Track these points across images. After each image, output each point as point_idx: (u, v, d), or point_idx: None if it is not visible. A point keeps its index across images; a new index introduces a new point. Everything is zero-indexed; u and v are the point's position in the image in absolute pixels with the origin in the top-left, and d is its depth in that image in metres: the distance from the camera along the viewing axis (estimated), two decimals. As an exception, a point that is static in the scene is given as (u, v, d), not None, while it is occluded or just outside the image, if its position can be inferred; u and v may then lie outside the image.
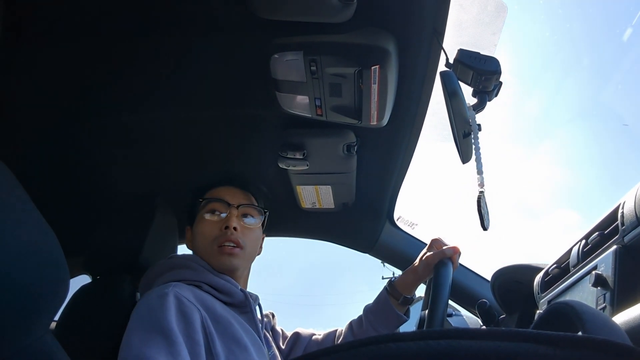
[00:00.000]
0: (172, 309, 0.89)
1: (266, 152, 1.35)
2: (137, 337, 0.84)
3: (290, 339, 1.26)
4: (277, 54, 0.99)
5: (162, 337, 0.83)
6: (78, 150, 1.30)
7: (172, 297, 0.91)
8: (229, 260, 1.08)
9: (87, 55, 1.03)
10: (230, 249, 1.08)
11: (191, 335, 0.87)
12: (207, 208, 1.14)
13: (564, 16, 15.37)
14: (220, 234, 1.09)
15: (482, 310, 1.41)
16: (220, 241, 1.08)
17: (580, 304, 0.43)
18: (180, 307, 0.91)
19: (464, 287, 1.66)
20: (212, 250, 1.08)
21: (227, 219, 1.11)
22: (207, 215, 1.13)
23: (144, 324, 0.87)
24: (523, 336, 0.27)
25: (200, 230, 1.12)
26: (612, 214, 0.96)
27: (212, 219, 1.13)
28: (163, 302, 0.89)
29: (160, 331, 0.84)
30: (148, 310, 0.90)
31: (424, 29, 0.97)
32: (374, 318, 1.20)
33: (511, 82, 0.97)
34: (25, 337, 0.58)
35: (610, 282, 0.86)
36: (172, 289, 0.93)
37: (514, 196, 49.32)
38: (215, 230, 1.10)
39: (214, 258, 1.08)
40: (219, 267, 1.08)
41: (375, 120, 1.11)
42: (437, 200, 10.44)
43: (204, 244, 1.10)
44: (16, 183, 0.58)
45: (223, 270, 1.08)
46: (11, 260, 0.53)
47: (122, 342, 0.86)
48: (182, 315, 0.89)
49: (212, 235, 1.09)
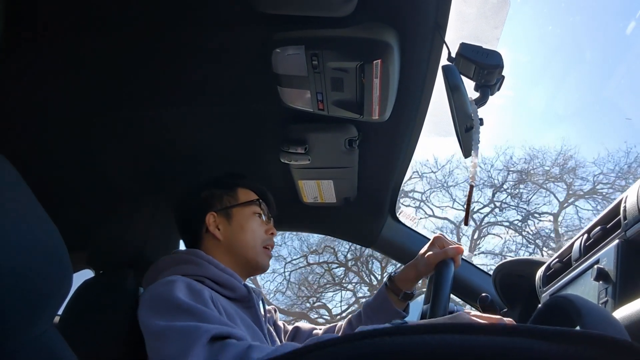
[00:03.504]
0: (182, 289, 0.91)
1: (268, 147, 1.35)
2: (155, 319, 0.85)
3: (291, 334, 1.28)
4: (279, 49, 0.99)
5: (180, 311, 0.85)
6: (81, 146, 1.30)
7: (180, 282, 0.93)
8: (268, 262, 1.20)
9: (87, 53, 1.03)
10: (270, 252, 1.20)
11: (208, 306, 0.90)
12: (256, 209, 1.21)
13: (566, 10, 15.15)
14: (267, 237, 1.20)
15: (484, 305, 1.41)
16: (268, 243, 1.19)
17: (579, 298, 0.43)
18: (190, 286, 0.93)
19: (466, 281, 1.66)
20: (258, 248, 1.17)
21: (272, 227, 1.23)
22: (256, 215, 1.20)
23: (160, 309, 0.88)
24: (517, 331, 0.27)
25: (250, 226, 1.18)
26: (615, 208, 0.96)
27: (260, 220, 1.21)
28: (172, 286, 0.91)
29: (177, 307, 0.86)
30: (157, 296, 0.91)
31: (426, 23, 0.96)
32: (373, 314, 1.21)
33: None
34: (28, 332, 0.58)
35: (613, 276, 0.86)
36: (179, 277, 0.95)
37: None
38: (262, 232, 1.20)
39: (258, 255, 1.16)
40: (260, 264, 1.17)
41: (377, 115, 1.10)
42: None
43: (249, 240, 1.16)
44: (19, 178, 0.58)
45: (260, 268, 1.18)
46: (14, 255, 0.53)
47: (144, 330, 0.87)
48: (193, 292, 0.92)
49: (261, 236, 1.19)
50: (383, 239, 1.78)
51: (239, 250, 1.14)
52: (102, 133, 1.28)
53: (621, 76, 7.19)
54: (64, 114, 1.19)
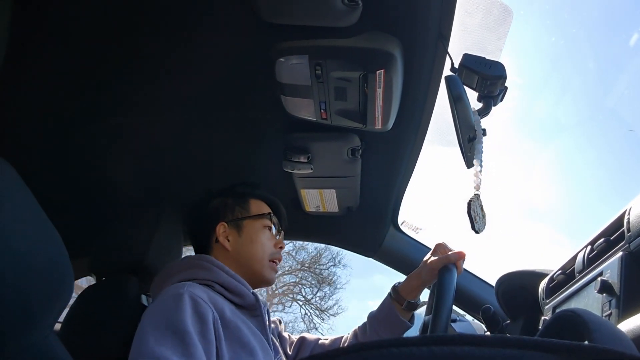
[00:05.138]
0: (187, 309, 0.90)
1: (271, 156, 1.35)
2: (152, 336, 0.84)
3: (297, 344, 1.26)
4: (283, 58, 1.00)
5: (177, 337, 0.84)
6: (84, 152, 1.31)
7: (187, 297, 0.92)
8: (274, 276, 1.19)
9: (91, 58, 1.03)
10: (276, 266, 1.20)
11: (206, 336, 0.88)
12: (267, 222, 1.21)
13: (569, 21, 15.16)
14: (275, 250, 1.20)
15: (487, 316, 1.40)
16: (275, 257, 1.19)
17: (587, 312, 0.43)
18: (196, 307, 0.92)
19: (468, 292, 1.65)
20: (265, 262, 1.17)
21: (282, 241, 1.23)
22: (267, 228, 1.20)
23: (159, 324, 0.87)
24: (529, 344, 0.27)
25: (260, 240, 1.18)
26: (618, 220, 0.95)
27: (270, 233, 1.21)
28: (178, 303, 0.90)
29: (176, 331, 0.85)
30: (163, 310, 0.91)
31: (429, 33, 0.97)
32: (378, 324, 1.20)
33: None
34: (29, 337, 0.58)
35: (616, 288, 0.85)
36: (187, 289, 0.94)
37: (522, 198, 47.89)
38: (272, 245, 1.19)
39: (264, 268, 1.16)
40: (266, 277, 1.17)
41: (380, 125, 1.11)
42: (442, 205, 10.38)
43: (257, 253, 1.16)
44: (22, 185, 0.58)
45: (265, 281, 1.18)
46: (16, 261, 0.53)
47: (135, 341, 0.86)
48: (197, 315, 0.90)
49: (270, 249, 1.18)
50: (385, 249, 1.77)
51: (246, 262, 1.14)
52: (105, 139, 1.28)
53: (624, 87, 7.20)
54: (67, 119, 1.19)
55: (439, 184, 5.97)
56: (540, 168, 10.80)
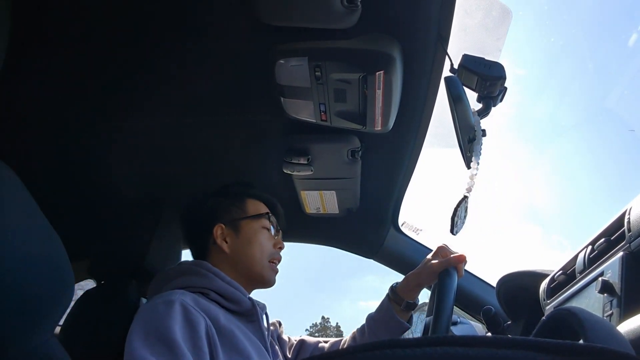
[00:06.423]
0: (177, 318, 0.88)
1: (271, 157, 1.35)
2: (140, 343, 0.84)
3: (296, 346, 1.26)
4: (282, 60, 1.00)
5: (166, 347, 0.83)
6: (84, 155, 1.31)
7: (178, 305, 0.91)
8: (274, 276, 1.17)
9: (91, 61, 1.04)
10: (276, 266, 1.18)
11: (197, 344, 0.87)
12: (266, 222, 1.19)
13: (569, 21, 15.16)
14: (274, 251, 1.18)
15: (488, 317, 1.40)
16: (274, 257, 1.18)
17: (582, 311, 0.43)
18: (187, 314, 0.90)
19: (469, 293, 1.65)
20: (264, 262, 1.15)
21: (280, 241, 1.22)
22: (265, 228, 1.19)
23: (149, 330, 0.86)
24: (522, 344, 0.27)
25: (258, 240, 1.16)
26: (619, 219, 0.95)
27: (269, 234, 1.19)
28: (169, 311, 0.89)
29: (165, 341, 0.84)
30: (153, 317, 0.89)
31: (428, 35, 0.97)
32: (376, 326, 1.19)
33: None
34: (29, 341, 0.58)
35: (617, 288, 0.85)
36: (179, 297, 0.93)
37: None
38: (270, 246, 1.18)
39: (263, 269, 1.15)
40: (266, 278, 1.15)
41: (380, 126, 1.11)
42: (441, 206, 10.35)
43: (256, 254, 1.14)
44: (23, 188, 0.59)
45: (265, 282, 1.16)
46: (16, 265, 0.53)
47: (125, 346, 0.85)
48: (188, 324, 0.89)
49: (269, 250, 1.17)
50: (386, 250, 1.77)
51: (245, 263, 1.13)
52: (104, 142, 1.29)
53: (624, 88, 7.18)
54: (66, 122, 1.20)
55: (439, 184, 5.96)
56: (540, 168, 10.81)
